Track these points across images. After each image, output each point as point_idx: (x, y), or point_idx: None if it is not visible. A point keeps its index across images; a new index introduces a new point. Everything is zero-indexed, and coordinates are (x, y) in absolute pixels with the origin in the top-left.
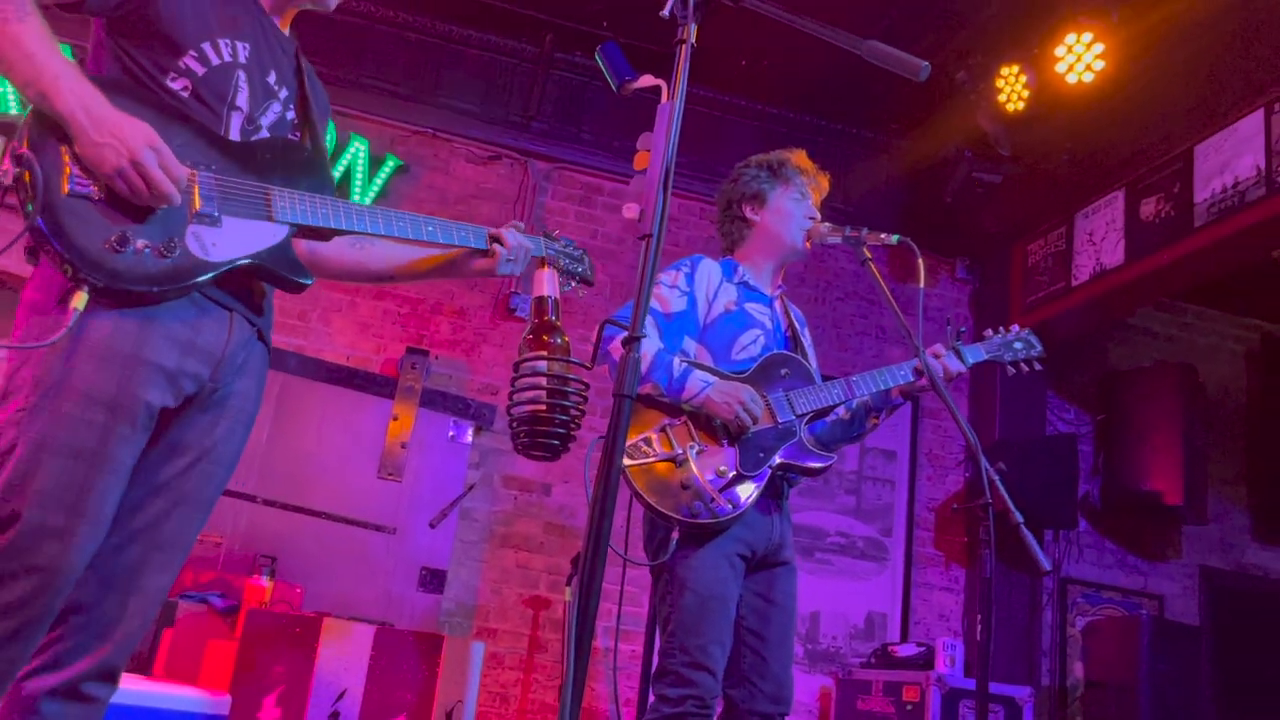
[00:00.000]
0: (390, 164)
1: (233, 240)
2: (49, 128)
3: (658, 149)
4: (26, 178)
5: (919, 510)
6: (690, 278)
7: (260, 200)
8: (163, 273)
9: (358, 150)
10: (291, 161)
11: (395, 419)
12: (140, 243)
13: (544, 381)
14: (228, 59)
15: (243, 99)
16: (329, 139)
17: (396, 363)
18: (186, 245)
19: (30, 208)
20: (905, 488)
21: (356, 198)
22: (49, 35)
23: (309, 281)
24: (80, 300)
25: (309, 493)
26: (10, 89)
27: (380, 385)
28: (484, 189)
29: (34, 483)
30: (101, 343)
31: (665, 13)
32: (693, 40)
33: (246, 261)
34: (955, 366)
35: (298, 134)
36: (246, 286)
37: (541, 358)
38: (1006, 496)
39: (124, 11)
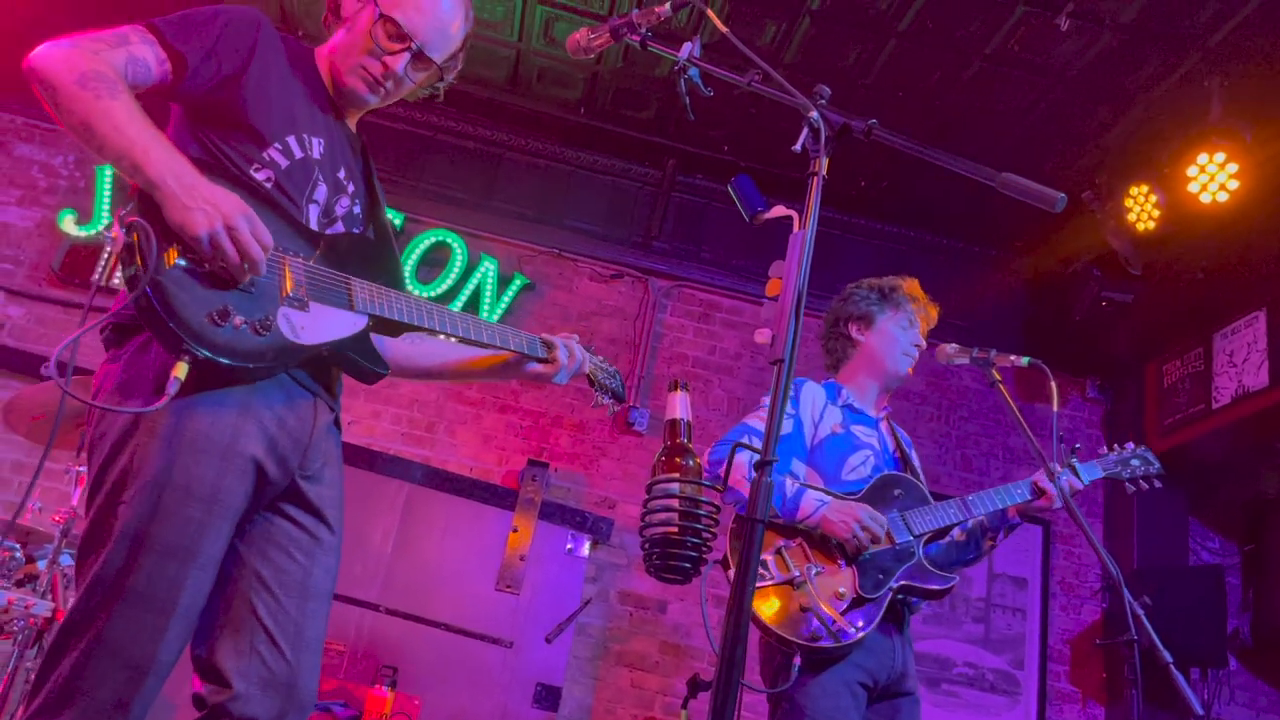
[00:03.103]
0: (518, 282)
1: (319, 326)
2: (156, 202)
3: (789, 277)
4: (137, 247)
5: (1053, 642)
6: (795, 400)
7: (343, 290)
8: (258, 350)
9: (487, 270)
10: (367, 255)
11: (515, 531)
12: (239, 319)
13: (676, 504)
14: (307, 153)
15: (320, 193)
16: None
17: (518, 475)
18: (278, 326)
19: (137, 274)
20: (1038, 617)
21: (485, 314)
22: (140, 112)
23: (385, 372)
24: (181, 370)
25: (430, 603)
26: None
27: (501, 497)
28: (605, 305)
29: (128, 579)
30: (200, 435)
31: (797, 147)
32: (824, 173)
33: (331, 347)
34: (1072, 484)
35: (361, 228)
36: (327, 373)
37: (674, 480)
38: (1153, 633)
39: (215, 99)
